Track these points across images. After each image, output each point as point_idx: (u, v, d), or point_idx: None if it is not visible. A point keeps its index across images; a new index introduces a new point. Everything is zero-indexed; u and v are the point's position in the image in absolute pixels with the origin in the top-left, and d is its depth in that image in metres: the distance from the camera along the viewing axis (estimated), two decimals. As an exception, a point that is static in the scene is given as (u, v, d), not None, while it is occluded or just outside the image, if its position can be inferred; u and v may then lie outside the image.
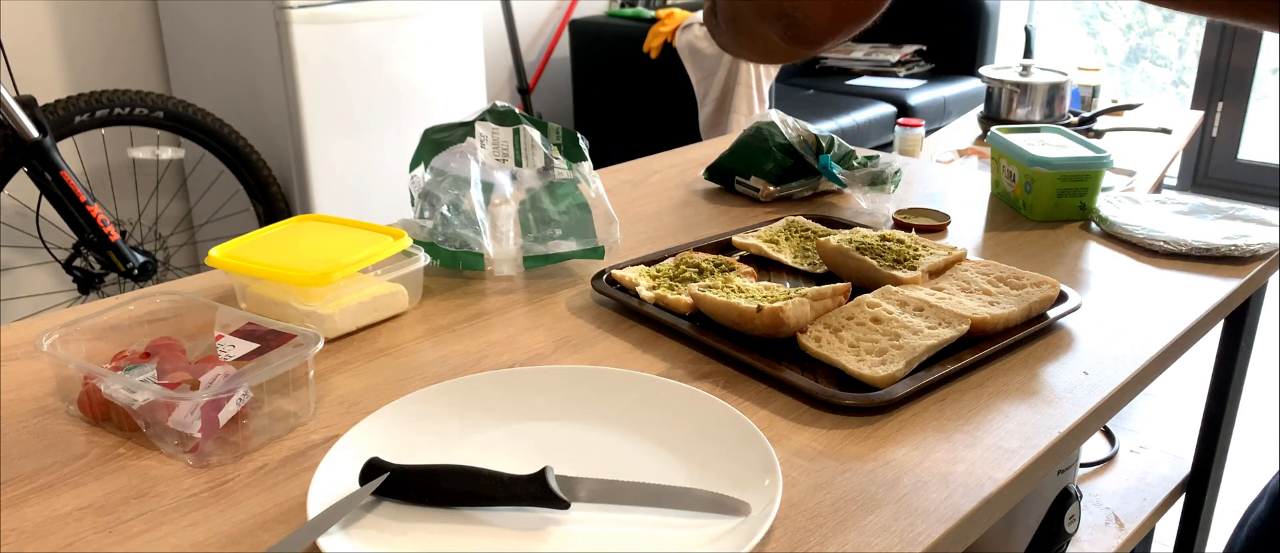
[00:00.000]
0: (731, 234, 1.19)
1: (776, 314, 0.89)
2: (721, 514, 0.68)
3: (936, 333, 0.89)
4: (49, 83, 2.54)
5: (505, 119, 1.13)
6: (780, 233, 1.19)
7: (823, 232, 1.19)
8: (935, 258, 1.06)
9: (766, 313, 0.89)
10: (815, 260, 1.12)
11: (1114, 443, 1.50)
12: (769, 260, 1.13)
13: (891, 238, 1.10)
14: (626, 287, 1.03)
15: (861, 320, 0.92)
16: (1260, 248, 1.14)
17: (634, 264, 1.08)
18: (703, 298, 0.94)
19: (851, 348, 0.88)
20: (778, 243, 1.16)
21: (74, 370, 0.82)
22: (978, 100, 2.85)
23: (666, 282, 1.04)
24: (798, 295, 0.93)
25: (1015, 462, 0.76)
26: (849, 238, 1.09)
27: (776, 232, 1.19)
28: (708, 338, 0.92)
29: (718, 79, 3.34)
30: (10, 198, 2.39)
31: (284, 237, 1.04)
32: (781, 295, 0.94)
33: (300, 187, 2.56)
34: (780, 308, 0.89)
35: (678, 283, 1.04)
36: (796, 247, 1.16)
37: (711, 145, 1.64)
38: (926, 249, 1.08)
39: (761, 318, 0.89)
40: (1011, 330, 0.93)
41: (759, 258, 1.14)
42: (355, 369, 0.91)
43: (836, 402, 0.82)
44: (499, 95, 3.61)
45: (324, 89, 2.49)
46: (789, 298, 0.93)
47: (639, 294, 1.01)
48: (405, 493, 0.69)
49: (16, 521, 0.69)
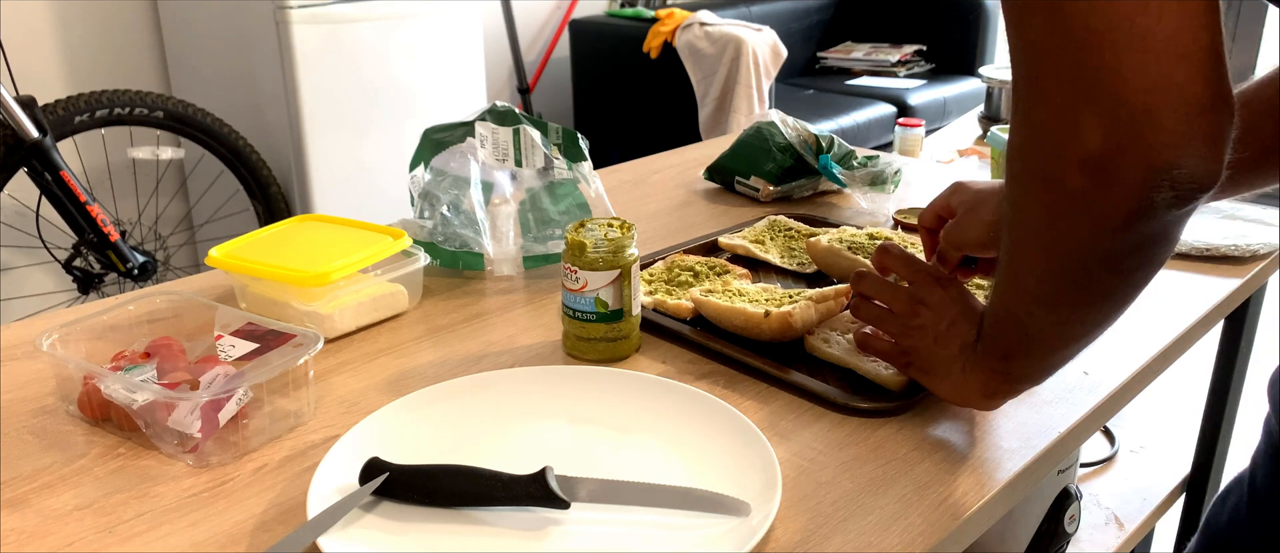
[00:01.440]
0: (717, 235, 1.18)
1: (785, 319, 0.88)
2: (721, 514, 0.68)
3: None
4: (49, 83, 2.54)
5: (505, 119, 1.13)
6: (764, 233, 1.19)
7: (806, 230, 1.19)
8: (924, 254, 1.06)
9: (775, 318, 0.88)
10: (804, 260, 1.12)
11: (1114, 443, 1.50)
12: (757, 261, 1.13)
13: (879, 236, 1.10)
14: None
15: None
16: (1260, 248, 1.14)
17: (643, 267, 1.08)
18: (706, 303, 0.94)
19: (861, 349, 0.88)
20: (763, 243, 1.16)
21: (74, 370, 0.82)
22: (978, 100, 2.85)
23: (662, 286, 1.04)
24: (803, 298, 0.93)
25: (1015, 462, 0.76)
26: (838, 237, 1.09)
27: (760, 232, 1.19)
28: (712, 342, 0.91)
29: (718, 79, 3.34)
30: (10, 198, 2.39)
31: (284, 237, 1.04)
32: (782, 298, 0.94)
33: (300, 187, 2.56)
34: (789, 312, 0.88)
35: (674, 287, 1.03)
36: (783, 246, 1.16)
37: (711, 145, 1.63)
38: (914, 247, 1.08)
39: (769, 323, 0.89)
40: None
41: (745, 258, 1.13)
42: (355, 369, 0.91)
43: (852, 405, 0.81)
44: (499, 95, 3.61)
45: (324, 89, 2.49)
46: (794, 301, 0.92)
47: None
48: (405, 493, 0.69)
49: (16, 521, 0.69)
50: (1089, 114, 0.53)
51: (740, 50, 3.30)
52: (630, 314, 0.91)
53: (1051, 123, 0.56)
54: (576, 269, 0.88)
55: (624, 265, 0.89)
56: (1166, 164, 0.53)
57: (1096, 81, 0.53)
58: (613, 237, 0.89)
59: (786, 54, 3.48)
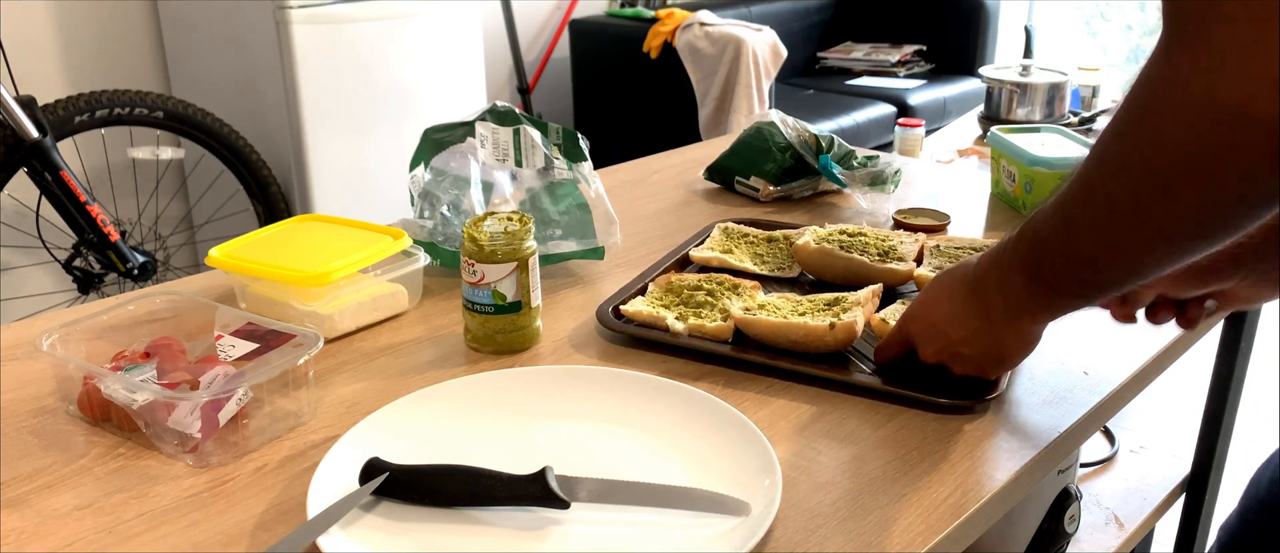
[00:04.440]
0: (685, 249, 1.13)
1: (850, 328, 0.88)
2: (722, 514, 0.68)
3: None
4: (49, 83, 2.54)
5: (505, 119, 1.13)
6: (725, 241, 1.15)
7: (761, 235, 1.16)
8: (907, 245, 1.07)
9: (841, 328, 0.88)
10: (776, 264, 1.11)
11: (1114, 443, 1.50)
12: (735, 271, 1.09)
13: (854, 232, 1.10)
14: (648, 321, 0.96)
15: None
16: (1260, 248, 1.14)
17: (627, 293, 1.01)
18: (757, 323, 0.90)
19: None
20: (732, 252, 1.13)
21: (74, 370, 0.82)
22: (978, 100, 2.85)
23: (684, 309, 0.98)
24: (852, 305, 0.92)
25: (1015, 462, 0.76)
26: (825, 237, 1.08)
27: (722, 240, 1.15)
28: (765, 359, 0.89)
29: (718, 79, 3.34)
30: (10, 198, 2.39)
31: (284, 237, 1.04)
32: (819, 306, 0.94)
33: (300, 187, 2.55)
34: (853, 323, 0.88)
35: (696, 308, 0.98)
36: (750, 253, 1.14)
37: (711, 145, 1.63)
38: (890, 238, 1.09)
39: (836, 334, 0.88)
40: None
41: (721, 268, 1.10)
42: (355, 369, 0.91)
43: (936, 403, 0.82)
44: (499, 95, 3.61)
45: (324, 89, 2.49)
46: (847, 309, 0.92)
47: (668, 328, 0.94)
48: (405, 493, 0.69)
49: (16, 521, 0.69)
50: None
51: (740, 50, 3.30)
52: (529, 306, 0.93)
53: (1239, 44, 0.53)
54: (474, 262, 0.91)
55: (521, 258, 0.91)
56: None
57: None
58: (510, 229, 0.91)
59: (786, 54, 3.48)
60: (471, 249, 0.91)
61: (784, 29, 3.74)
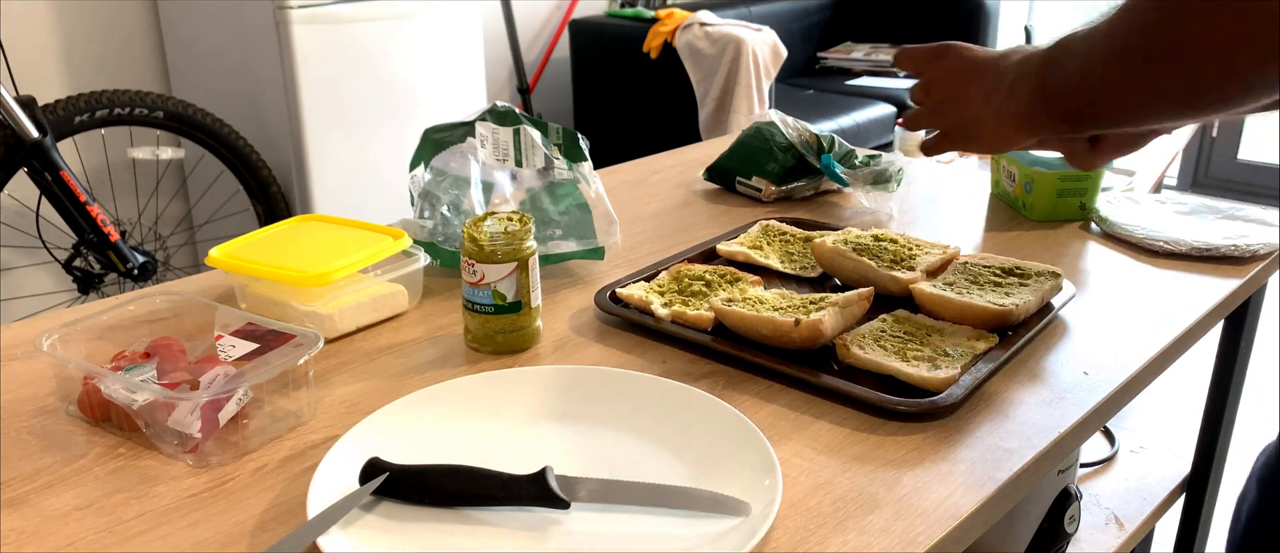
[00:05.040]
0: (714, 242, 1.15)
1: (816, 326, 0.87)
2: (722, 514, 0.68)
3: (980, 334, 0.91)
4: (49, 83, 2.54)
5: (505, 119, 1.13)
6: (760, 238, 1.17)
7: (801, 234, 1.17)
8: (931, 257, 1.05)
9: (805, 326, 0.87)
10: (805, 264, 1.11)
11: (1114, 443, 1.50)
12: (759, 267, 1.10)
13: (884, 237, 1.09)
14: (637, 306, 0.99)
15: (901, 324, 0.94)
16: (1260, 248, 1.14)
17: (632, 280, 1.05)
18: (729, 313, 0.91)
19: (897, 353, 0.88)
20: (762, 248, 1.14)
21: (74, 370, 0.82)
22: (978, 100, 2.85)
23: (676, 297, 1.00)
24: (828, 304, 0.92)
25: (1015, 462, 0.76)
26: (843, 238, 1.07)
27: (756, 237, 1.17)
28: (738, 351, 0.90)
29: (718, 79, 3.34)
30: (10, 198, 2.39)
31: (284, 237, 1.04)
32: (801, 304, 0.93)
33: (300, 187, 2.56)
34: (820, 320, 0.87)
35: (689, 298, 1.00)
36: (781, 251, 1.14)
37: (711, 145, 1.64)
38: (920, 248, 1.08)
39: (800, 331, 0.87)
40: (1029, 322, 0.94)
41: (746, 264, 1.11)
42: (355, 369, 0.91)
43: (895, 409, 0.81)
44: (499, 95, 3.61)
45: (324, 89, 2.49)
46: (817, 307, 0.91)
47: (654, 313, 0.97)
48: (405, 493, 0.69)
49: (16, 521, 0.69)
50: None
51: (740, 50, 3.30)
52: (529, 306, 0.93)
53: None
54: (474, 262, 0.91)
55: (521, 258, 0.91)
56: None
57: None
58: (510, 229, 0.91)
59: (786, 54, 3.48)
60: (471, 249, 0.91)
61: (784, 29, 3.74)
